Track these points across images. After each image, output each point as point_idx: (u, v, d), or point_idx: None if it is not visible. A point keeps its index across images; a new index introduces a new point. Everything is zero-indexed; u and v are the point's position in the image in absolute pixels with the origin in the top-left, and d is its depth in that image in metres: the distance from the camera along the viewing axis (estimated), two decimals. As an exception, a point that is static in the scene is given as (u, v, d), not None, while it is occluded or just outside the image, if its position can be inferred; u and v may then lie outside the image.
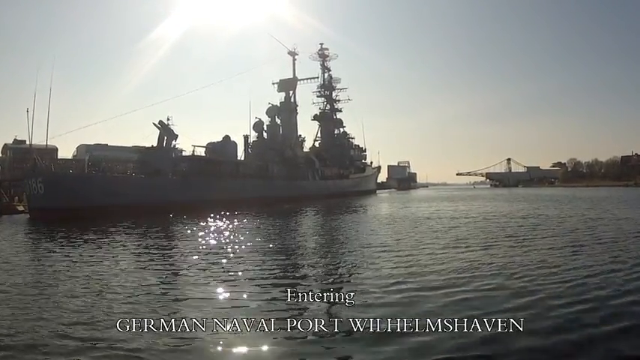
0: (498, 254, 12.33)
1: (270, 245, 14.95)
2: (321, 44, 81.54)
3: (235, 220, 25.22)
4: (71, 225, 22.50)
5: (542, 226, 20.03)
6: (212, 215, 28.03)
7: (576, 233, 17.28)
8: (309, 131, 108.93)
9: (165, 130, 39.86)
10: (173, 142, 40.91)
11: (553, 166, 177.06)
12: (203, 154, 45.92)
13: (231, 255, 12.95)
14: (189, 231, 20.08)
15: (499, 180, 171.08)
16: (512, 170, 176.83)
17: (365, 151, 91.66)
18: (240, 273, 10.25)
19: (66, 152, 58.25)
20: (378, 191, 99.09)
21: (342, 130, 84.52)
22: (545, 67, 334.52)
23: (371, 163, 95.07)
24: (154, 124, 39.90)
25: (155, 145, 39.88)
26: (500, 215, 26.86)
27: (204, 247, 14.88)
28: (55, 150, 51.20)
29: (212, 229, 20.84)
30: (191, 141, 63.08)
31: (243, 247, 14.55)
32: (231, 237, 17.35)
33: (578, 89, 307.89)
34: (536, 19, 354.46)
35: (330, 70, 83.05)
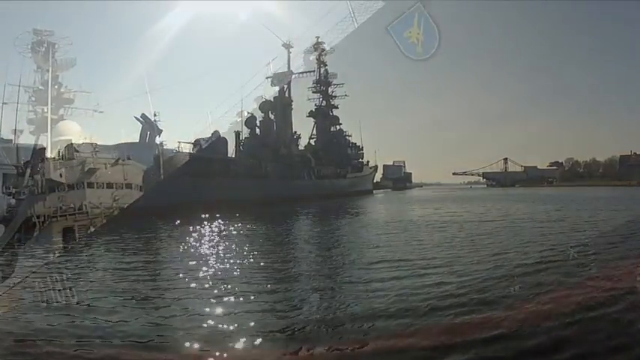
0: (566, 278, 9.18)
1: (263, 263, 11.80)
2: (317, 37, 78.27)
3: (224, 225, 22.48)
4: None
5: (589, 232, 17.01)
6: (199, 219, 24.97)
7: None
8: (304, 130, 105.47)
9: (149, 125, 36.60)
10: (157, 138, 37.68)
11: (550, 166, 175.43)
12: (190, 151, 42.69)
13: (215, 271, 9.79)
14: (170, 238, 17.93)
15: (496, 180, 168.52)
16: (509, 170, 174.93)
17: (362, 149, 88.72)
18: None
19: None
20: (374, 191, 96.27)
21: (338, 127, 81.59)
22: (542, 67, 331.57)
23: (367, 162, 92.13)
24: (136, 117, 36.84)
25: (137, 141, 36.63)
26: (527, 219, 23.76)
27: (185, 259, 11.89)
28: (43, 149, 48.30)
29: (196, 235, 18.06)
30: (177, 137, 60.15)
31: (229, 265, 11.35)
32: (218, 248, 14.22)
33: (576, 89, 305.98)
34: (532, 19, 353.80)
35: (326, 65, 79.98)
